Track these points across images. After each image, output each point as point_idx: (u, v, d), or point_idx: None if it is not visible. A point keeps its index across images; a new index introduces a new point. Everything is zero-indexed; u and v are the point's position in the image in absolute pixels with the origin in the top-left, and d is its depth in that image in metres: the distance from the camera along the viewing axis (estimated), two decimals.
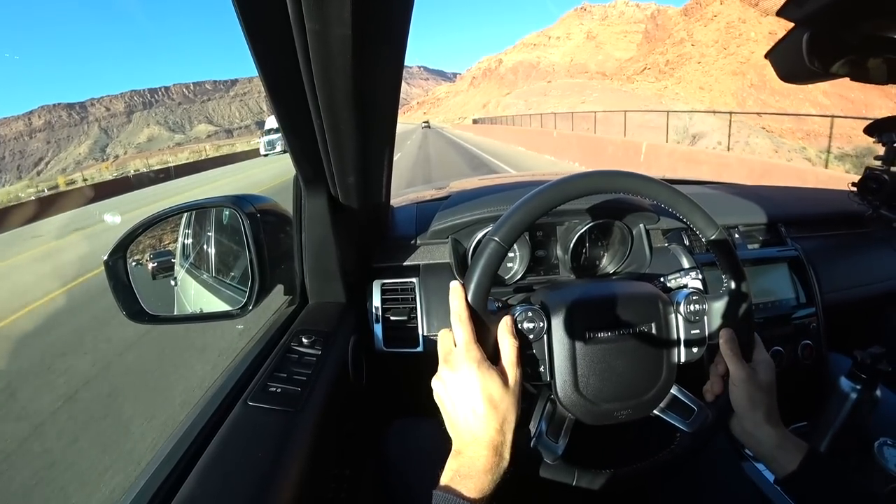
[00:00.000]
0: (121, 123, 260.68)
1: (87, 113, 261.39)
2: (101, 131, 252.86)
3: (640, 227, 0.92)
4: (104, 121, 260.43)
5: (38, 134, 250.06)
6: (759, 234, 1.04)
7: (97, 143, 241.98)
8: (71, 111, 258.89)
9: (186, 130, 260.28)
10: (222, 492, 0.45)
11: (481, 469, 0.42)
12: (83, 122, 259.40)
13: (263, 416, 0.55)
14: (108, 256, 0.72)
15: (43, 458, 2.07)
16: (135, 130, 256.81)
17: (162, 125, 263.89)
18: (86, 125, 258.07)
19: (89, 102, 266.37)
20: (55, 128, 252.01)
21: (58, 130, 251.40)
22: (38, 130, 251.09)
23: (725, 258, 0.57)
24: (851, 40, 0.50)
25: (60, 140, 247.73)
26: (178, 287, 1.03)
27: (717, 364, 0.59)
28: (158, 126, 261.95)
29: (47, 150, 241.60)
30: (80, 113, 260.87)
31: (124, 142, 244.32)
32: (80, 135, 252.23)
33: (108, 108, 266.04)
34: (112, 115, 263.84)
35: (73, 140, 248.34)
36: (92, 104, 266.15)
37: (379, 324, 0.87)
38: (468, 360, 0.45)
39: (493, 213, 0.88)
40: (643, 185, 0.54)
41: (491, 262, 0.48)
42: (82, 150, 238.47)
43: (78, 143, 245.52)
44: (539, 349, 0.52)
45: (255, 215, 0.75)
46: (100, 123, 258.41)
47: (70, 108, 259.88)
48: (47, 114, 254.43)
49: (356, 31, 0.40)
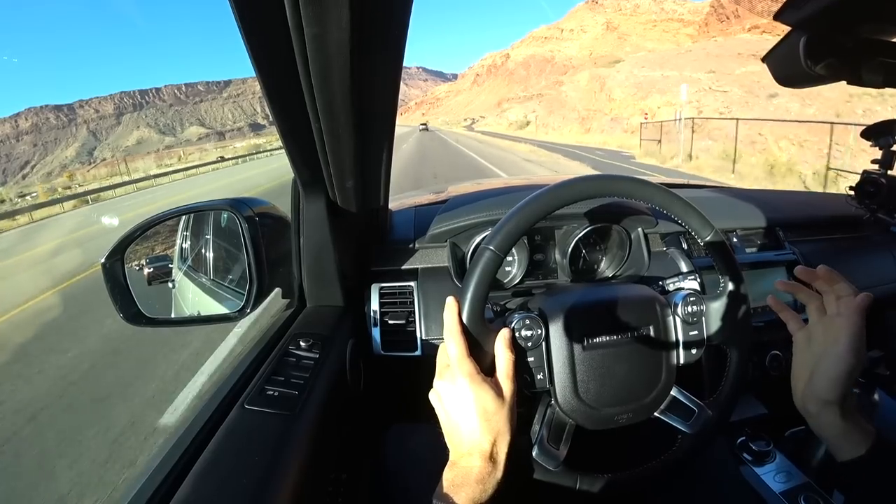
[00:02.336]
0: (110, 126, 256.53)
1: (75, 115, 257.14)
2: (90, 134, 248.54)
3: (639, 231, 0.92)
4: (93, 123, 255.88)
5: (24, 137, 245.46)
6: (758, 237, 1.04)
7: (84, 147, 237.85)
8: (59, 113, 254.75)
9: (177, 133, 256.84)
10: (218, 496, 0.45)
11: (474, 479, 0.43)
12: (71, 125, 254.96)
13: (260, 420, 0.55)
14: (106, 259, 0.72)
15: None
16: (124, 133, 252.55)
17: (152, 127, 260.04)
18: (74, 127, 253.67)
19: (78, 104, 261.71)
20: (42, 130, 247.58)
21: (45, 133, 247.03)
22: (25, 133, 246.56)
23: (722, 259, 0.57)
24: (848, 44, 0.51)
25: (47, 143, 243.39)
26: (175, 290, 1.03)
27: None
28: (148, 128, 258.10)
29: (34, 153, 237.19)
30: (68, 115, 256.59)
31: (112, 145, 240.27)
32: (67, 137, 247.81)
33: (97, 110, 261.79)
34: (101, 116, 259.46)
35: (60, 143, 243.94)
36: (80, 106, 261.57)
37: (377, 327, 0.87)
38: (462, 375, 0.46)
39: (492, 216, 0.88)
40: (638, 188, 0.54)
41: (486, 271, 0.49)
42: (69, 154, 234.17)
43: (65, 146, 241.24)
44: (538, 356, 0.52)
45: (253, 218, 0.75)
46: (88, 126, 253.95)
47: (58, 109, 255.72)
48: (34, 116, 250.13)
49: (354, 35, 0.40)
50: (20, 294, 5.52)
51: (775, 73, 0.59)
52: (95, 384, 2.94)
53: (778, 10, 0.50)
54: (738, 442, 0.75)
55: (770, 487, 0.69)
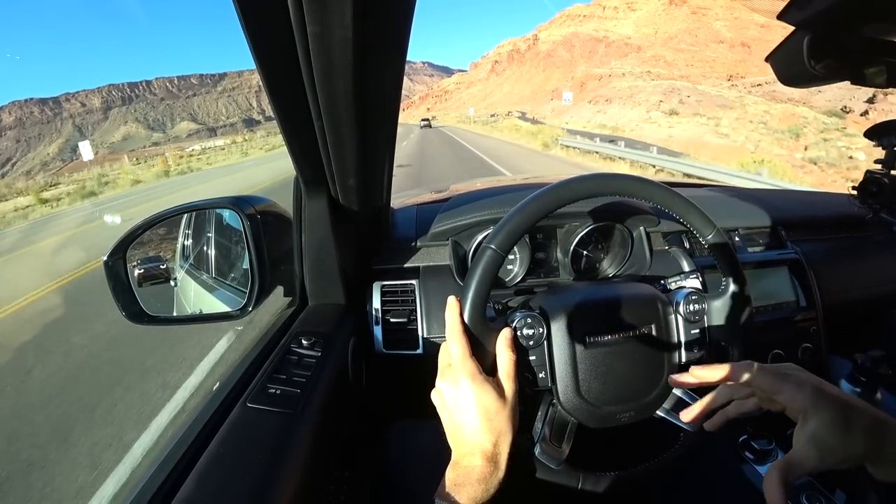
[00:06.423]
0: (97, 120, 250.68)
1: (60, 109, 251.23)
2: (75, 129, 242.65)
3: (641, 230, 0.92)
4: (79, 117, 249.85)
5: (7, 132, 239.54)
6: (760, 237, 1.04)
7: (68, 143, 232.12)
8: (43, 107, 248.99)
9: (167, 129, 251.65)
10: (221, 493, 0.45)
11: (476, 478, 0.43)
12: (56, 119, 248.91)
13: (262, 418, 0.55)
14: (108, 257, 0.72)
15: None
16: (110, 128, 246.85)
17: (141, 122, 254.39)
18: (59, 122, 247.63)
19: (64, 97, 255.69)
20: (26, 125, 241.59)
21: (29, 128, 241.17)
22: (9, 128, 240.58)
23: (724, 258, 0.57)
24: (852, 44, 0.51)
25: (31, 139, 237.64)
26: (177, 288, 1.03)
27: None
28: (137, 124, 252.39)
29: (16, 149, 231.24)
30: (53, 109, 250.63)
31: (98, 140, 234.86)
32: (51, 133, 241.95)
33: (84, 104, 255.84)
34: (88, 111, 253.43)
35: (44, 139, 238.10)
36: (67, 99, 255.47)
37: (379, 326, 0.87)
38: (463, 375, 0.46)
39: (494, 215, 0.88)
40: (640, 187, 0.54)
41: (488, 271, 0.49)
42: (51, 151, 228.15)
43: (49, 142, 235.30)
44: (539, 355, 0.52)
45: (255, 216, 0.75)
46: (74, 120, 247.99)
47: (43, 103, 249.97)
48: (18, 110, 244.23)
49: (357, 33, 0.40)
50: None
51: (779, 72, 0.59)
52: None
53: (782, 9, 0.51)
54: (740, 440, 0.75)
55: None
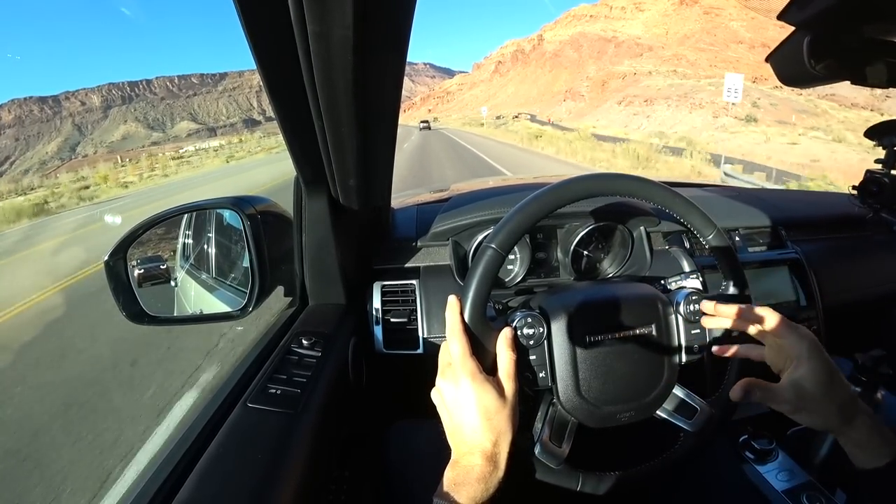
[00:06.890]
0: (96, 119, 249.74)
1: (60, 107, 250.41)
2: (75, 128, 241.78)
3: (641, 230, 0.92)
4: (78, 116, 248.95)
5: (6, 131, 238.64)
6: (760, 237, 1.04)
7: (67, 142, 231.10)
8: (43, 105, 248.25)
9: (166, 128, 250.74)
10: (221, 494, 0.45)
11: (475, 478, 0.43)
12: (56, 118, 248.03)
13: (263, 418, 0.55)
14: (109, 257, 0.72)
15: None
16: (110, 128, 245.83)
17: (140, 122, 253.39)
18: (58, 121, 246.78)
19: (63, 96, 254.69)
20: (26, 124, 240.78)
21: (28, 126, 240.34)
22: (8, 126, 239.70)
23: (724, 257, 0.57)
24: (852, 44, 0.51)
25: (30, 137, 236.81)
26: (178, 288, 1.03)
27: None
28: (136, 123, 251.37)
29: (15, 147, 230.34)
30: (52, 107, 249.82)
31: (97, 140, 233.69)
32: (51, 131, 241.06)
33: (84, 103, 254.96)
34: (87, 109, 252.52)
35: (43, 137, 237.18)
36: (66, 98, 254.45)
37: (379, 326, 0.87)
38: (464, 374, 0.46)
39: (494, 215, 0.88)
40: (640, 187, 0.54)
41: (488, 270, 0.49)
42: (50, 149, 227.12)
43: (48, 141, 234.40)
44: (539, 354, 0.52)
45: (255, 216, 0.75)
46: (73, 119, 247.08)
47: (42, 101, 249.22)
48: (18, 108, 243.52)
49: (357, 33, 0.40)
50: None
51: (779, 72, 0.59)
52: None
53: (782, 9, 0.50)
54: (741, 440, 0.75)
55: (772, 486, 0.68)
